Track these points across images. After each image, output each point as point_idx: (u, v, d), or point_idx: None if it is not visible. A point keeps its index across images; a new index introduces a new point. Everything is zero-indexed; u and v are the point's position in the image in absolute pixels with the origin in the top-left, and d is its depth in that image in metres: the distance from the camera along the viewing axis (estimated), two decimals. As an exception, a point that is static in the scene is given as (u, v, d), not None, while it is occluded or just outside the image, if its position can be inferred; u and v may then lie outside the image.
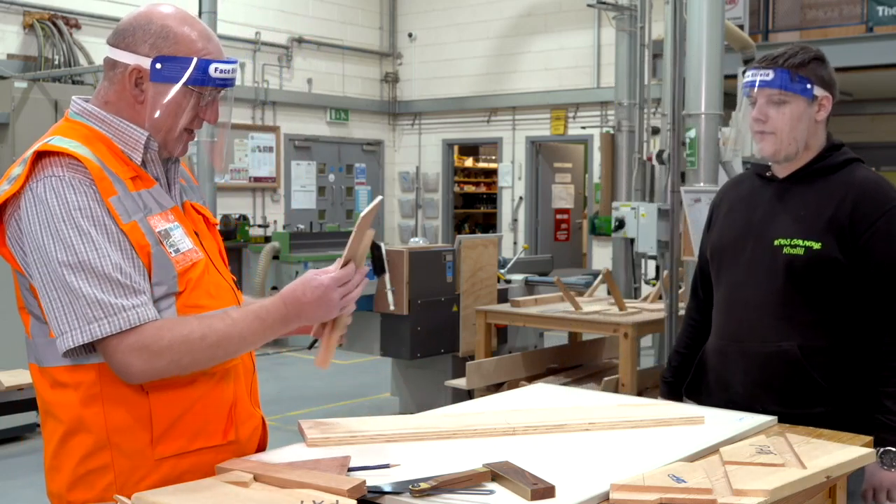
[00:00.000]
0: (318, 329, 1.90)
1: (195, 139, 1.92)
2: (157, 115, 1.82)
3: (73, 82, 9.85)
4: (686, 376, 2.73)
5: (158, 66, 1.80)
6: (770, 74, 2.42)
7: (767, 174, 2.55)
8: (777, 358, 2.43)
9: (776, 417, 2.27)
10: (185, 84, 1.81)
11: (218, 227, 2.07)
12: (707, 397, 2.58)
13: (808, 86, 2.42)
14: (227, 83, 1.87)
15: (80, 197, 1.70)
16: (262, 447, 1.98)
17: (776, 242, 2.44)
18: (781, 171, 2.52)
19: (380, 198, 1.98)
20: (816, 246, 2.38)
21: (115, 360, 1.70)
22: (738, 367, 2.50)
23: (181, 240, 1.82)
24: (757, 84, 2.44)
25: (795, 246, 2.40)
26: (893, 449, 2.32)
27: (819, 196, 2.44)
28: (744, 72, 2.55)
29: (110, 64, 1.85)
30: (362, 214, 1.89)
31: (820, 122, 2.47)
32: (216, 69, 1.84)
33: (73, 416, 1.76)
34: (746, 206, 2.57)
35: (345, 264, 1.83)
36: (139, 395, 1.76)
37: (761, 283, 2.46)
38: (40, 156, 1.74)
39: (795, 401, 2.41)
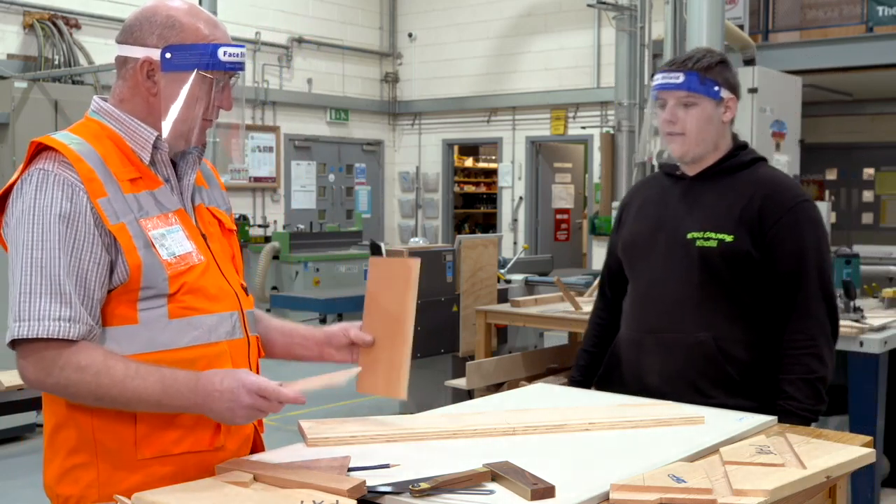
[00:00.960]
0: None
1: (212, 127, 1.92)
2: (171, 105, 1.82)
3: (73, 82, 9.85)
4: (594, 375, 2.81)
5: (168, 55, 1.81)
6: (680, 77, 2.50)
7: (677, 173, 2.63)
8: (693, 349, 2.49)
9: (776, 417, 2.27)
10: (197, 70, 1.82)
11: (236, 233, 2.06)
12: (619, 389, 2.59)
13: (716, 88, 2.51)
14: (236, 67, 1.88)
15: (58, 193, 1.71)
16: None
17: (689, 236, 2.52)
18: (691, 170, 2.61)
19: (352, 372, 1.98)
20: (729, 238, 2.47)
21: (17, 361, 1.72)
22: (655, 357, 2.55)
23: (178, 243, 1.81)
24: (667, 87, 2.52)
25: (708, 239, 2.48)
26: None
27: (729, 192, 2.53)
28: (652, 76, 2.59)
29: (121, 61, 1.86)
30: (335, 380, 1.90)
31: (726, 124, 2.57)
32: (225, 53, 1.84)
33: (62, 410, 1.78)
34: (657, 203, 2.65)
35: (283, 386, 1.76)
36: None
37: (676, 277, 2.53)
38: (38, 147, 1.77)
39: (710, 392, 2.47)
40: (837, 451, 1.98)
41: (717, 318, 2.49)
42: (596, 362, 2.83)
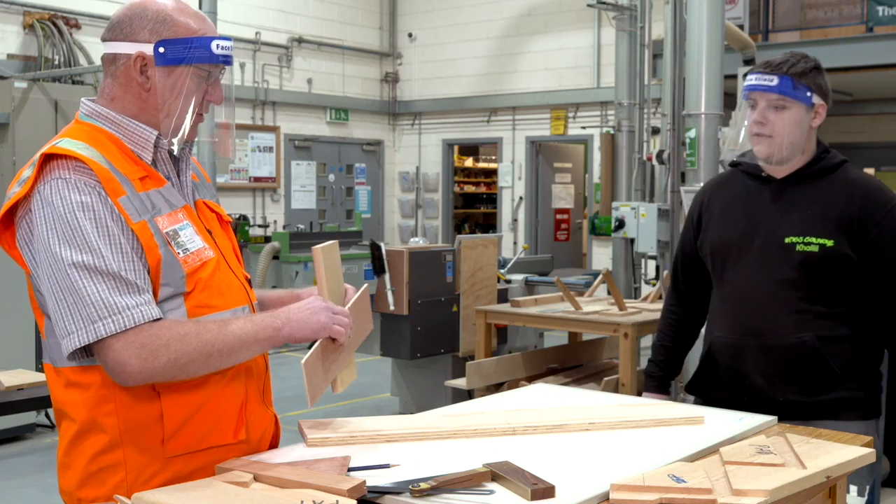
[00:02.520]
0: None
1: (203, 121, 1.92)
2: (166, 99, 1.83)
3: (73, 82, 9.85)
4: (673, 369, 2.85)
5: (161, 49, 1.81)
6: (774, 80, 2.51)
7: (763, 174, 2.63)
8: (797, 349, 2.52)
9: (776, 417, 2.28)
10: (191, 63, 1.83)
11: (231, 224, 2.07)
12: (717, 391, 2.63)
13: (808, 94, 2.53)
14: (228, 60, 1.89)
15: (85, 198, 1.71)
16: (274, 447, 1.99)
17: (787, 240, 2.53)
18: (779, 172, 2.60)
19: (332, 242, 2.01)
20: (829, 243, 2.49)
21: (110, 360, 1.69)
22: (757, 360, 2.57)
23: (190, 239, 1.82)
24: (761, 89, 2.53)
25: (809, 243, 2.50)
26: None
27: (822, 195, 2.55)
28: (745, 76, 2.63)
29: (110, 59, 1.85)
30: (317, 253, 1.92)
31: (814, 129, 2.59)
32: (217, 45, 1.86)
33: (86, 415, 1.77)
34: (745, 205, 2.64)
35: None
36: (151, 395, 1.77)
37: (775, 280, 2.54)
38: (48, 158, 1.75)
39: (814, 388, 2.53)
40: (837, 451, 1.98)
41: (817, 318, 2.52)
42: (673, 357, 2.87)
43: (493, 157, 15.20)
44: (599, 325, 5.29)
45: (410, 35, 14.01)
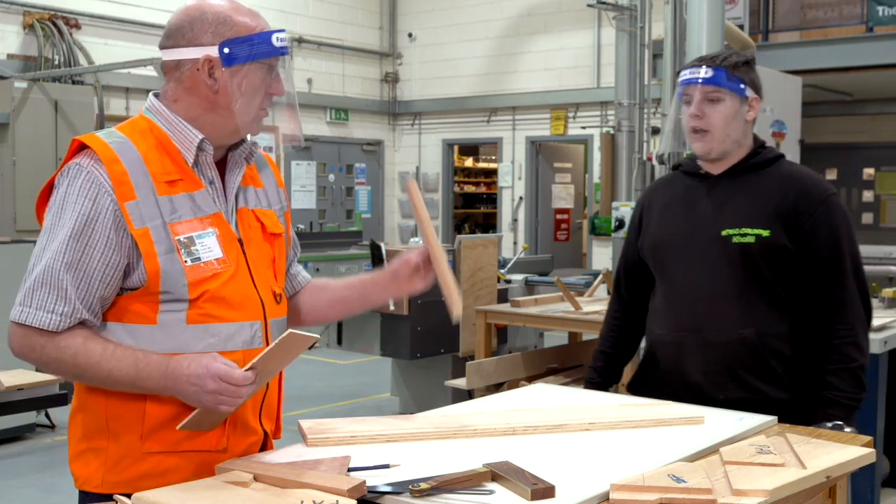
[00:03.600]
0: None
1: (267, 116, 1.95)
2: (237, 98, 1.85)
3: (73, 82, 9.85)
4: (612, 376, 2.85)
5: (227, 50, 1.83)
6: (709, 72, 2.54)
7: (701, 172, 2.65)
8: (737, 345, 2.52)
9: (776, 417, 2.27)
10: (256, 59, 1.85)
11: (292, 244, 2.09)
12: (657, 389, 2.59)
13: (742, 86, 2.55)
14: (286, 51, 1.91)
15: (83, 192, 1.76)
16: None
17: (724, 233, 2.53)
18: (716, 169, 2.63)
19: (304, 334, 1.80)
20: (766, 233, 2.50)
21: (9, 334, 1.80)
22: (697, 356, 2.56)
23: (208, 248, 1.82)
24: (696, 81, 2.55)
25: (745, 235, 2.51)
26: (841, 423, 2.42)
27: (758, 189, 2.56)
28: (678, 72, 2.63)
29: (173, 66, 1.87)
30: (282, 338, 1.71)
31: (749, 122, 2.60)
32: (277, 38, 1.88)
33: (83, 395, 1.86)
34: (684, 203, 2.66)
35: (249, 368, 1.73)
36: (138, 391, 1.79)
37: (714, 275, 2.55)
38: (80, 144, 1.81)
39: (754, 386, 2.51)
40: (837, 451, 1.98)
41: (757, 313, 2.52)
42: (613, 363, 2.86)
43: (493, 157, 15.20)
44: (599, 325, 5.26)
45: (410, 35, 14.01)
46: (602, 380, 2.84)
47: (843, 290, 2.51)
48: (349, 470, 1.73)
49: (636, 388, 2.72)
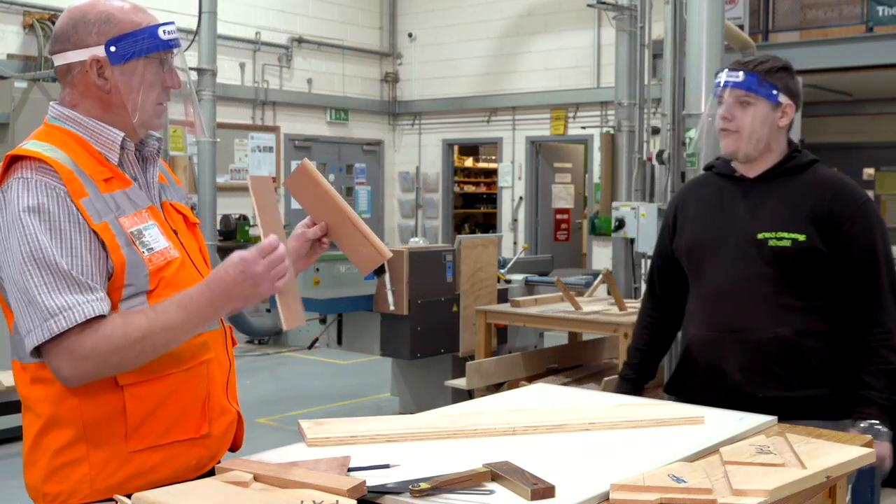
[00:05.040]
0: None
1: (166, 111, 1.94)
2: (128, 95, 1.84)
3: (73, 82, 9.84)
4: (647, 373, 2.90)
5: (113, 48, 1.83)
6: (740, 76, 2.58)
7: (736, 175, 2.68)
8: (774, 344, 2.55)
9: (776, 417, 2.28)
10: (143, 55, 1.84)
11: (198, 226, 2.08)
12: (695, 389, 2.65)
13: (774, 91, 2.58)
14: (176, 43, 1.91)
15: (42, 198, 1.73)
16: (237, 442, 2.02)
17: (760, 236, 2.57)
18: (750, 171, 2.66)
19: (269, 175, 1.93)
20: (801, 238, 2.53)
21: (51, 365, 1.72)
22: (735, 355, 2.59)
23: (155, 239, 1.84)
24: (727, 84, 2.60)
25: (781, 238, 2.55)
26: (876, 422, 2.46)
27: (794, 193, 2.60)
28: (716, 74, 2.69)
29: (64, 70, 1.87)
30: (251, 181, 1.87)
31: (782, 128, 2.63)
32: (164, 31, 1.88)
33: (51, 410, 1.80)
34: (718, 205, 2.69)
35: (266, 239, 1.76)
36: (114, 389, 1.78)
37: (750, 276, 2.58)
38: (13, 160, 1.78)
39: (792, 384, 2.55)
40: (837, 451, 1.98)
41: (792, 313, 2.56)
42: (648, 360, 2.91)
43: (493, 157, 15.19)
44: (599, 325, 5.29)
45: (410, 35, 14.00)
46: (637, 376, 2.89)
47: (878, 294, 2.55)
48: (349, 470, 1.73)
49: (674, 389, 2.76)
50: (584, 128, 12.36)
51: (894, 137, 11.62)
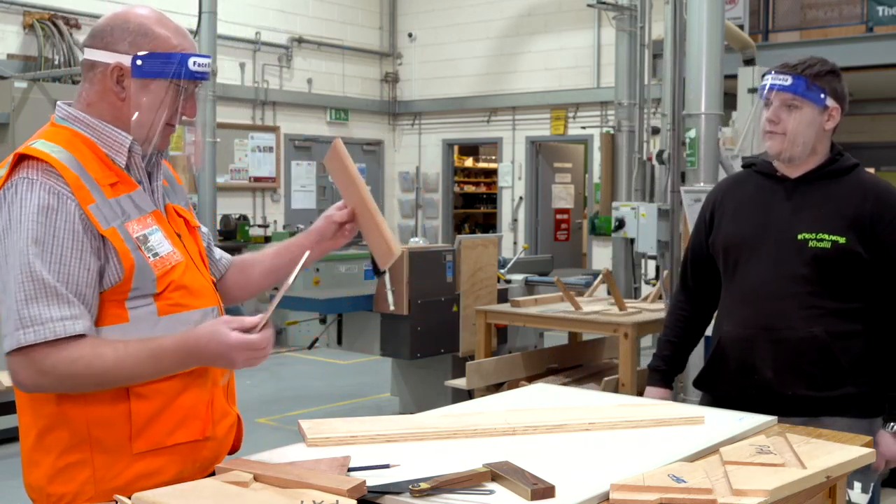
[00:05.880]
0: None
1: (175, 133, 1.95)
2: (139, 110, 1.85)
3: (73, 82, 9.83)
4: (677, 366, 2.90)
5: (139, 62, 1.84)
6: (788, 80, 2.58)
7: (777, 174, 2.67)
8: (807, 343, 2.56)
9: (776, 417, 2.28)
10: (166, 78, 1.85)
11: (200, 229, 2.09)
12: (725, 386, 2.67)
13: (822, 95, 2.58)
14: (204, 76, 1.91)
15: (43, 203, 1.73)
16: (236, 444, 2.03)
17: (800, 237, 2.58)
18: (792, 172, 2.66)
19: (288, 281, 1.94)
20: (842, 240, 2.54)
21: (11, 370, 1.73)
22: (768, 353, 2.60)
23: (160, 243, 1.85)
24: (775, 88, 2.59)
25: (822, 240, 2.55)
26: None
27: (836, 195, 2.60)
28: (763, 76, 2.68)
29: (89, 65, 1.88)
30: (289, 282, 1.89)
31: (828, 131, 2.63)
32: (194, 63, 1.87)
33: (53, 410, 1.79)
34: (759, 203, 2.69)
35: (263, 326, 1.76)
36: (119, 391, 1.78)
37: (787, 275, 2.59)
38: (21, 159, 1.78)
39: (821, 384, 2.56)
40: (837, 451, 1.99)
41: (828, 314, 2.57)
42: (679, 352, 2.91)
43: (493, 157, 15.19)
44: (599, 325, 5.29)
45: (410, 35, 14.00)
46: (668, 368, 2.89)
47: None
48: (349, 470, 1.73)
49: (704, 384, 2.77)
50: (584, 128, 12.36)
51: (894, 137, 11.62)
